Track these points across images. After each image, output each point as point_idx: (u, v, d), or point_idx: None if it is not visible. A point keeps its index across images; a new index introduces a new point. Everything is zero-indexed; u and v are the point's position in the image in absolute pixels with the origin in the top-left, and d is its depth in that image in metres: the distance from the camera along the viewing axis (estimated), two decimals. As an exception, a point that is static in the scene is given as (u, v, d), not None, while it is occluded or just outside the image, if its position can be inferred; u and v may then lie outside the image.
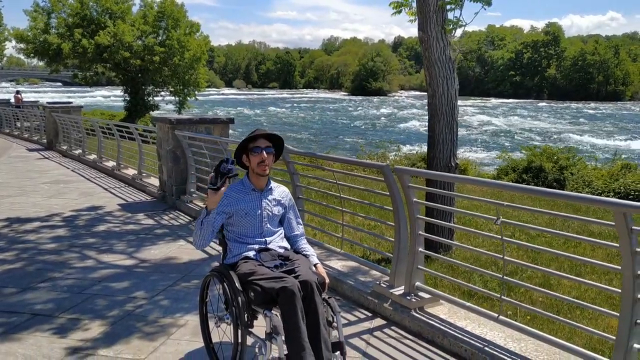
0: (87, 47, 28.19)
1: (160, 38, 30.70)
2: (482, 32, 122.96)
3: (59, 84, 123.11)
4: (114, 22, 29.19)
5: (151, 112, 31.95)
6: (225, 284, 3.21)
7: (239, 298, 3.08)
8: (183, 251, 6.15)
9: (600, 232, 7.48)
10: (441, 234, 6.03)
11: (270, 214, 3.41)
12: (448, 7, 6.47)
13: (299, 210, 5.43)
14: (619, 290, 2.82)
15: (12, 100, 27.95)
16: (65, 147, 16.28)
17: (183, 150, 8.33)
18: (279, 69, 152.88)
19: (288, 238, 3.56)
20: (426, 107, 6.83)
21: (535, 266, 3.51)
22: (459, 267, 5.18)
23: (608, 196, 13.61)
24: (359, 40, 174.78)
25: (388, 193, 4.26)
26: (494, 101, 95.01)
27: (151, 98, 32.78)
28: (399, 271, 4.26)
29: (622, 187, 13.44)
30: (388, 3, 7.08)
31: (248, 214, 3.34)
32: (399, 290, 4.22)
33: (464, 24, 6.59)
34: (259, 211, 3.37)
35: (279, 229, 3.50)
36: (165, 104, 33.93)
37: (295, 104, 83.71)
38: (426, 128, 7.06)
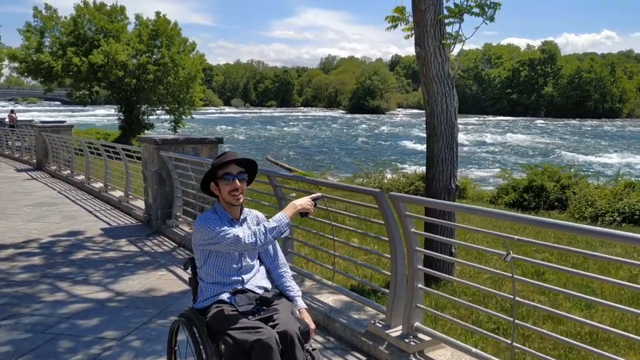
0: (80, 66, 27.90)
1: (155, 57, 30.46)
2: (479, 50, 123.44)
3: (58, 102, 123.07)
4: (107, 41, 28.95)
5: (146, 131, 31.61)
6: (193, 334, 2.77)
7: (208, 350, 2.65)
8: (163, 282, 5.70)
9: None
10: (440, 267, 5.60)
11: None
12: (447, 20, 6.12)
13: (288, 238, 5.01)
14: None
15: (7, 119, 27.58)
16: (54, 168, 15.85)
17: (169, 172, 7.91)
18: (277, 88, 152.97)
19: (269, 270, 3.13)
20: (423, 125, 6.45)
21: (555, 310, 3.06)
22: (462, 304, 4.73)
23: (612, 216, 13.20)
24: (357, 59, 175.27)
25: (383, 222, 3.83)
26: (491, 119, 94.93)
27: (146, 117, 32.48)
28: (395, 309, 3.82)
29: (626, 207, 13.02)
30: (384, 19, 6.74)
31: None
32: (396, 332, 3.77)
33: (463, 39, 6.24)
34: None
35: (258, 264, 3.07)
36: (160, 122, 33.60)
37: (293, 123, 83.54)
38: (424, 146, 6.67)
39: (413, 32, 6.31)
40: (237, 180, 2.89)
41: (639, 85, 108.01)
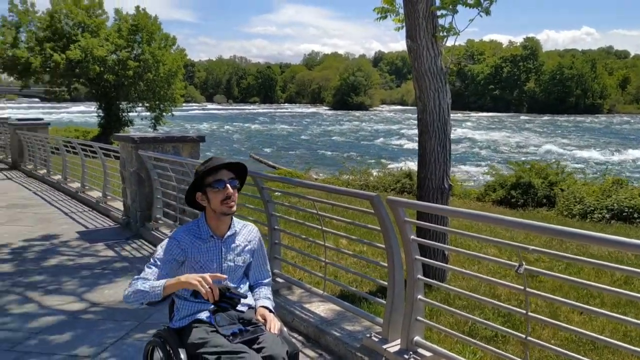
0: (59, 62, 27.19)
1: (135, 52, 29.82)
2: (462, 46, 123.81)
3: (37, 100, 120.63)
4: (84, 36, 28.23)
5: (125, 128, 30.97)
6: (169, 357, 2.46)
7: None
8: (142, 290, 5.34)
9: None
10: (434, 274, 5.32)
11: (232, 266, 2.67)
12: (439, 12, 5.85)
13: (275, 243, 4.70)
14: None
15: (-19, 117, 26.79)
16: (30, 167, 15.33)
17: (148, 172, 7.54)
18: (260, 84, 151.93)
19: (252, 286, 2.83)
20: (408, 122, 6.20)
21: (572, 328, 2.79)
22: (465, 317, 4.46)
23: (601, 213, 13.07)
24: (340, 55, 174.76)
25: (379, 228, 3.54)
26: (474, 115, 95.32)
27: (126, 114, 31.81)
28: (393, 322, 3.53)
29: (615, 204, 12.92)
30: (372, 10, 6.46)
31: (203, 268, 2.61)
32: (394, 347, 3.48)
33: (457, 31, 5.98)
34: (217, 264, 2.63)
35: (243, 282, 2.76)
36: (140, 119, 32.96)
37: (277, 119, 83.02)
38: (409, 143, 6.41)
39: (404, 24, 6.04)
40: (229, 186, 2.59)
41: (619, 81, 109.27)
